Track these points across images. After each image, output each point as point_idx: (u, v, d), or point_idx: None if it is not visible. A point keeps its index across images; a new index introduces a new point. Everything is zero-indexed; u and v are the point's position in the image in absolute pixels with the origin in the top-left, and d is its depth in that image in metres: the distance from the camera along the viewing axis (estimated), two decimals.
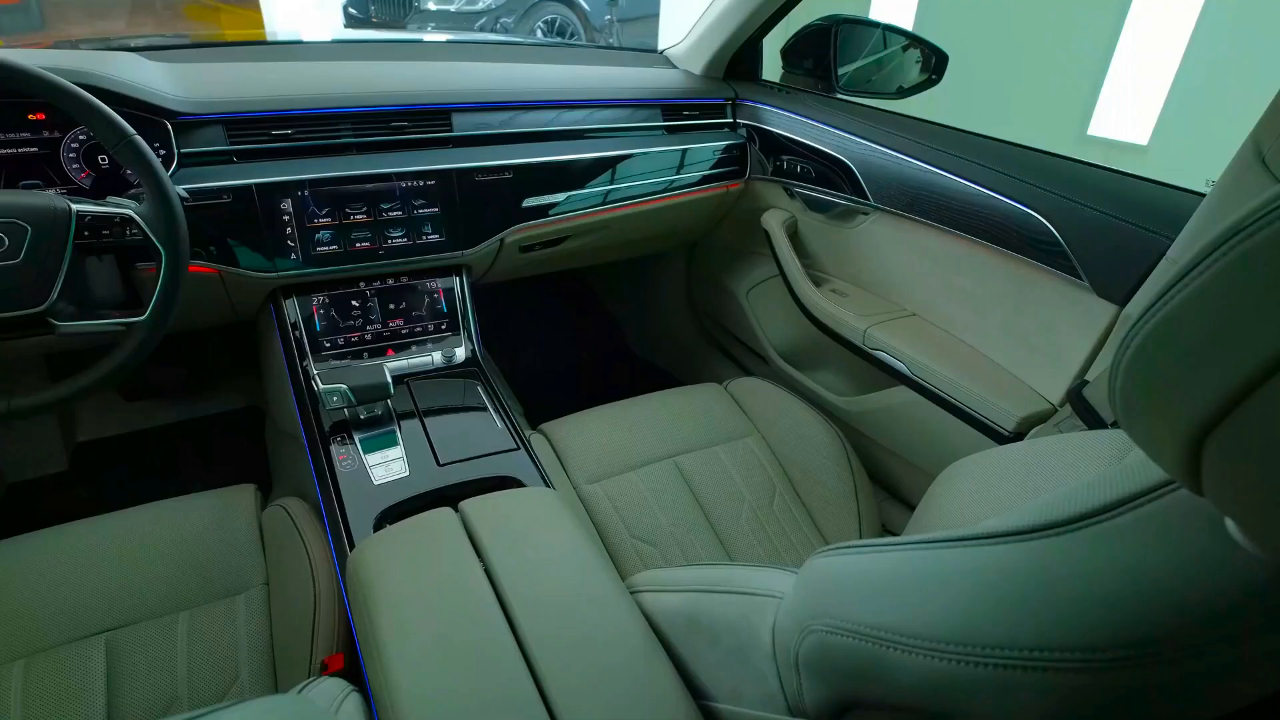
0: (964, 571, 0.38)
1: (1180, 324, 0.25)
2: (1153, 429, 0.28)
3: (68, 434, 1.41)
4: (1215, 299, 0.23)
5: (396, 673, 0.58)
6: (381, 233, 1.01)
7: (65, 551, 0.81)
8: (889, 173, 1.11)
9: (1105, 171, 0.93)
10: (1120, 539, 0.33)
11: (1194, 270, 0.24)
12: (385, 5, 4.04)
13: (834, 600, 0.45)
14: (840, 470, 1.09)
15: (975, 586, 0.37)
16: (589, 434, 1.08)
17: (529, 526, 0.74)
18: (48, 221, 0.73)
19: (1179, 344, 0.25)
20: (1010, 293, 1.01)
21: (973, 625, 0.35)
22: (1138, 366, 0.27)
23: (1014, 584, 0.35)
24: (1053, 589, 0.34)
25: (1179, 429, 0.25)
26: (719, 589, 0.59)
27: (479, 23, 4.15)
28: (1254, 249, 0.22)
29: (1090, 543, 0.33)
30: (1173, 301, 0.25)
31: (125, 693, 0.72)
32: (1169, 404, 0.26)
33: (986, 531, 0.39)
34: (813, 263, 1.33)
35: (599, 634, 0.62)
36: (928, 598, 0.39)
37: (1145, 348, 0.27)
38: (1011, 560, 0.37)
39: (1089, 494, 0.35)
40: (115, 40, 1.14)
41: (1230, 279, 0.23)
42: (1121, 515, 0.33)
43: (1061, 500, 0.36)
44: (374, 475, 0.85)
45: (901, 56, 1.33)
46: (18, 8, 4.05)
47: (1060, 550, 0.35)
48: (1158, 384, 0.26)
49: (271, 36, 1.93)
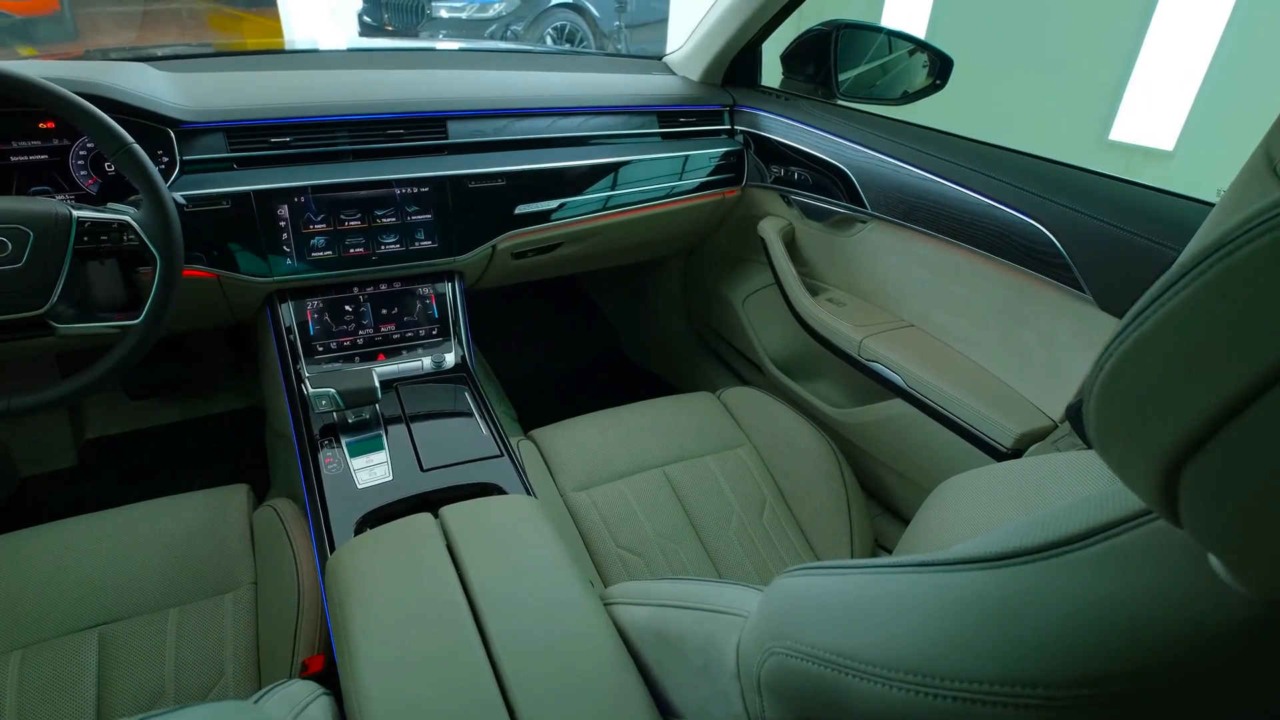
0: (927, 598, 0.37)
1: (1156, 345, 0.24)
2: (1128, 456, 0.26)
3: (77, 431, 1.43)
4: (1192, 320, 0.22)
5: (365, 677, 0.58)
6: (375, 238, 1.02)
7: (63, 547, 0.82)
8: (887, 180, 1.09)
9: (1110, 180, 0.90)
10: (1093, 569, 0.31)
11: (1171, 289, 0.23)
12: (398, 13, 4.09)
13: (795, 622, 0.44)
14: (833, 484, 1.07)
15: (937, 614, 0.36)
16: (578, 441, 1.08)
17: (506, 534, 0.74)
18: (49, 227, 0.75)
19: (1154, 367, 0.24)
20: (1010, 304, 0.98)
21: (932, 655, 0.34)
22: (1112, 389, 0.26)
23: (977, 613, 0.34)
24: (1018, 620, 0.32)
25: (1154, 457, 0.24)
26: (687, 604, 0.58)
27: (489, 29, 4.19)
28: (1233, 267, 0.21)
29: (1061, 572, 0.32)
30: (1148, 321, 0.24)
31: (114, 686, 0.74)
32: (1144, 430, 0.24)
33: (953, 557, 0.37)
34: (810, 271, 1.31)
35: (569, 645, 0.62)
36: (889, 623, 0.38)
37: (1120, 370, 0.25)
38: (976, 588, 0.35)
39: (1063, 520, 0.34)
40: (144, 49, 1.17)
41: (1208, 299, 0.22)
42: (1096, 544, 0.32)
43: (1033, 526, 0.35)
44: (358, 479, 0.85)
45: (904, 62, 1.31)
46: (53, 19, 4.17)
47: (1028, 579, 0.33)
48: (1132, 408, 0.25)
49: (290, 44, 1.97)
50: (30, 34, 4.06)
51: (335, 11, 4.53)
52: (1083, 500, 0.34)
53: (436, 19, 4.07)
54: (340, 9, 4.50)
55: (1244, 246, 0.21)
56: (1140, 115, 3.28)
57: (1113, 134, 3.39)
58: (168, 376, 1.48)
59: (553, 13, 4.37)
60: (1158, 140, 3.25)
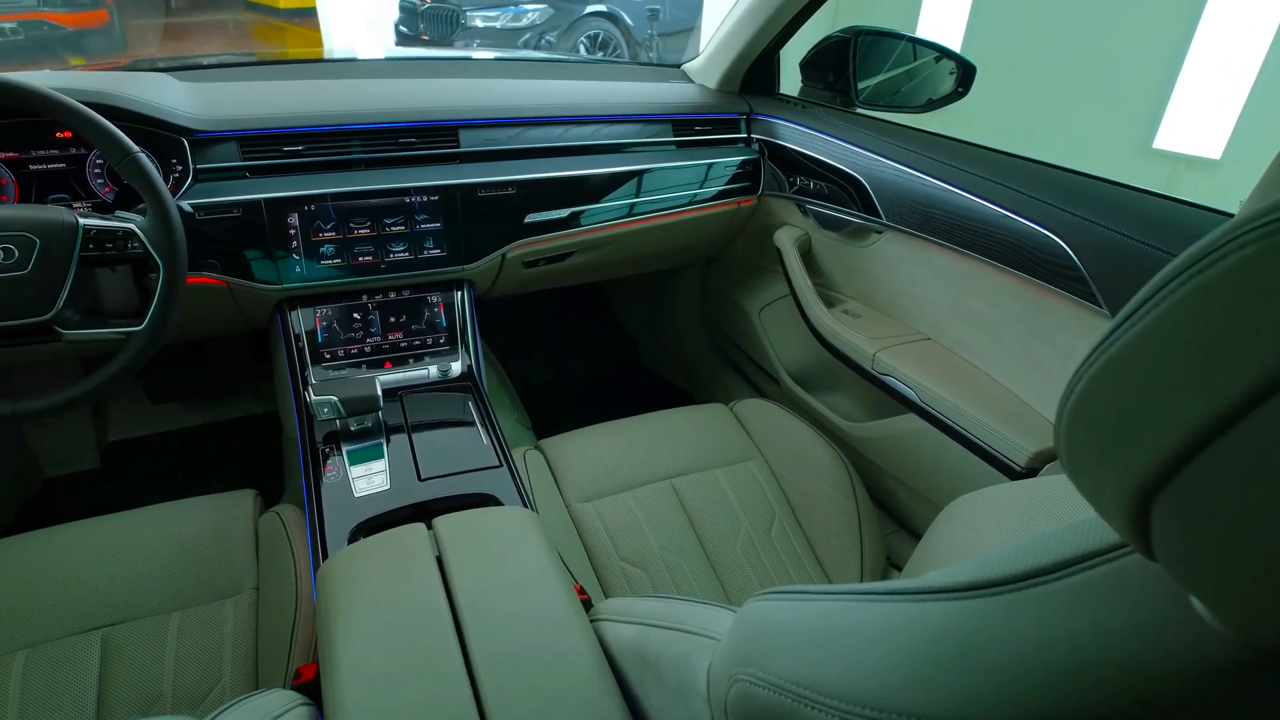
0: (893, 629, 0.36)
1: (1126, 368, 0.22)
2: (1099, 484, 0.25)
3: (100, 433, 1.48)
4: (1162, 342, 0.21)
5: (344, 687, 0.58)
6: (384, 247, 1.03)
7: (70, 549, 0.84)
8: (901, 190, 1.07)
9: (1128, 190, 0.87)
10: (1066, 603, 0.29)
11: (1141, 308, 0.22)
12: (434, 23, 4.17)
13: (760, 648, 0.43)
14: (844, 500, 1.04)
15: (903, 646, 0.34)
16: (586, 451, 1.07)
17: (498, 547, 0.73)
18: (55, 234, 0.77)
19: (1124, 390, 0.22)
20: (1027, 318, 0.95)
21: (889, 688, 0.32)
22: (1082, 412, 0.25)
23: (940, 646, 0.32)
24: (981, 655, 0.30)
25: (1124, 485, 0.23)
26: (666, 624, 0.57)
27: (523, 38, 4.24)
28: (1205, 286, 0.20)
29: (1031, 605, 0.30)
30: (1119, 342, 0.23)
31: (115, 688, 0.75)
32: (1114, 457, 0.23)
33: (921, 586, 0.36)
34: (826, 282, 1.29)
35: (551, 661, 0.61)
36: (852, 654, 0.36)
37: (1090, 392, 0.24)
38: (941, 620, 0.34)
39: (1037, 549, 0.32)
40: (190, 59, 1.20)
41: (1179, 319, 0.21)
42: (1070, 576, 0.30)
43: (1006, 555, 0.33)
44: (355, 487, 0.85)
45: (926, 69, 1.28)
46: (103, 31, 4.35)
47: (996, 612, 0.31)
48: (1103, 433, 0.24)
49: (329, 54, 2.02)
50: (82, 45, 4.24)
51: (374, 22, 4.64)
52: (1061, 529, 0.32)
53: (471, 28, 4.14)
54: (378, 20, 4.61)
55: (1215, 264, 0.20)
56: (1186, 123, 3.17)
57: (1156, 142, 3.28)
58: (188, 381, 1.51)
59: (586, 21, 4.40)
60: (1204, 149, 3.13)
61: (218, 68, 1.14)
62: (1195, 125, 3.13)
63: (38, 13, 3.99)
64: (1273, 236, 0.19)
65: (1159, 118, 3.24)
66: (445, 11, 4.09)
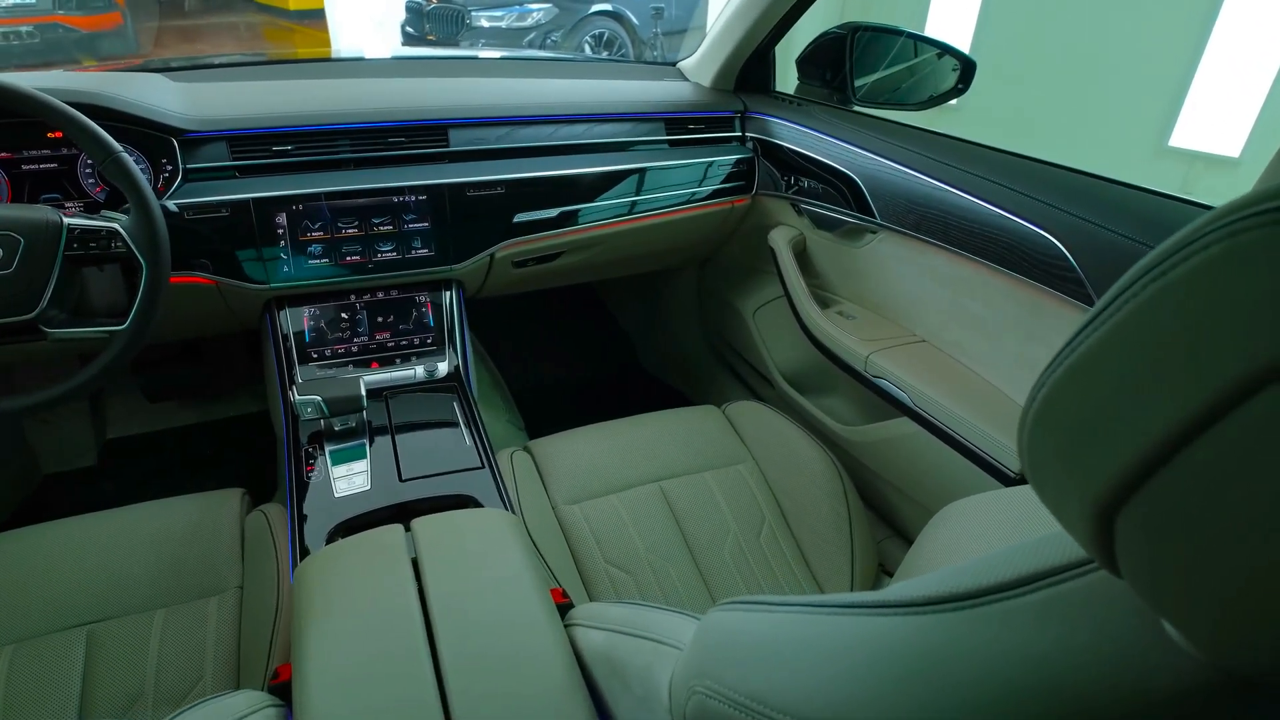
0: (852, 643, 0.34)
1: (1088, 374, 0.21)
2: (1062, 496, 0.24)
3: (99, 431, 1.49)
4: (1126, 347, 0.20)
5: (312, 690, 0.58)
6: (372, 246, 1.03)
7: (58, 545, 0.84)
8: (896, 189, 1.05)
9: (1130, 189, 0.84)
10: (1030, 619, 0.28)
11: (1105, 311, 0.21)
12: (439, 23, 4.18)
13: (718, 660, 0.42)
14: (836, 504, 1.02)
15: (858, 661, 0.33)
16: (574, 453, 1.06)
17: (475, 550, 0.73)
18: (39, 234, 0.77)
19: (1087, 398, 0.21)
20: (1024, 320, 0.93)
21: (844, 704, 0.31)
22: (1044, 421, 0.23)
23: (897, 663, 0.31)
24: (939, 673, 0.29)
25: (1087, 497, 0.21)
26: (633, 632, 0.56)
27: (528, 38, 4.25)
28: (1168, 288, 0.19)
29: (993, 621, 0.29)
30: (1080, 348, 0.22)
31: (97, 685, 0.75)
32: (1077, 467, 0.22)
33: (882, 599, 0.35)
34: (821, 283, 1.27)
35: (521, 667, 0.60)
36: (810, 669, 0.35)
37: (1052, 400, 0.23)
38: (899, 635, 0.32)
39: (1002, 563, 0.30)
40: (201, 59, 1.21)
41: (1142, 324, 0.20)
42: (1035, 592, 0.28)
43: (969, 569, 0.32)
44: (336, 488, 0.85)
45: (925, 66, 1.26)
46: (116, 34, 4.41)
47: (957, 628, 0.30)
48: (1065, 443, 0.23)
49: (336, 54, 2.03)
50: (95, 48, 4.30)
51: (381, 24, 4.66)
52: (1029, 542, 0.31)
53: (477, 28, 4.15)
54: (386, 21, 4.63)
55: (1178, 266, 0.18)
56: (1203, 120, 3.11)
57: (1172, 140, 3.22)
58: (185, 380, 1.52)
59: (591, 21, 4.40)
60: (1222, 147, 3.07)
61: (211, 68, 1.14)
62: (1213, 122, 3.07)
63: (53, 16, 4.06)
64: (1236, 237, 0.18)
65: (1175, 115, 3.18)
66: (450, 12, 4.10)
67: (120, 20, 4.34)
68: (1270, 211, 0.17)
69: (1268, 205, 0.17)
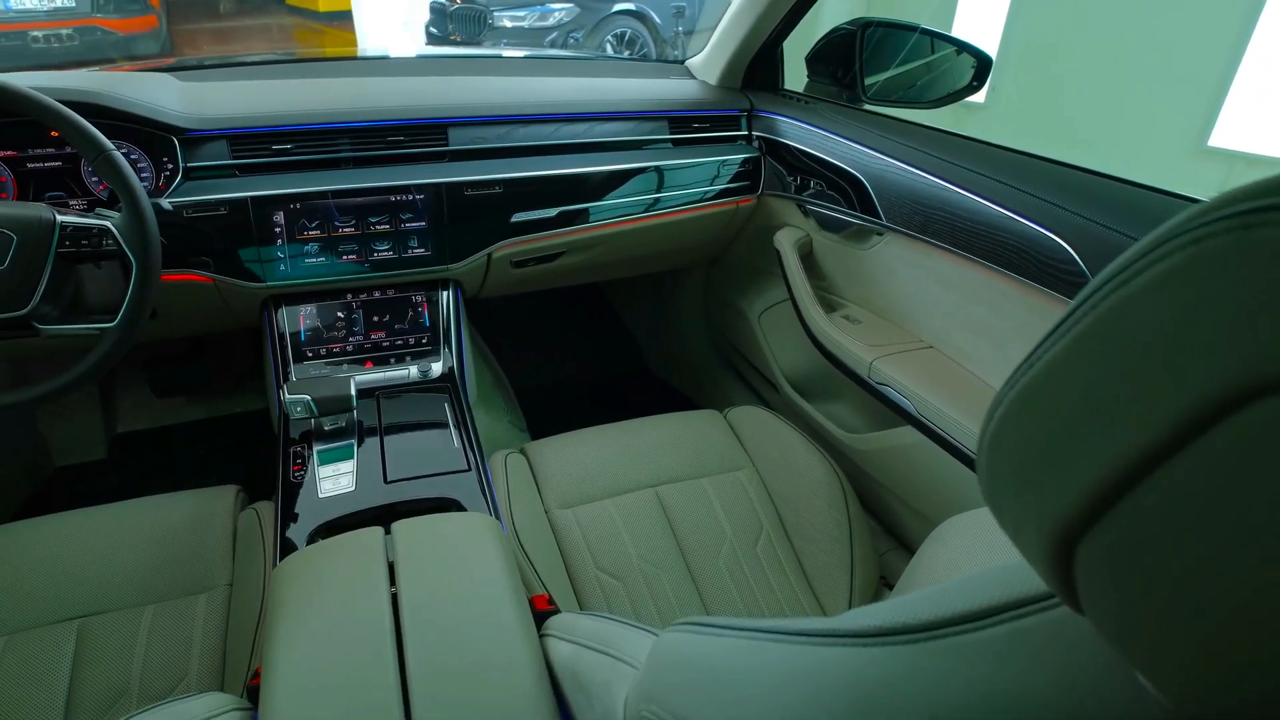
0: (796, 673, 0.33)
1: (1046, 392, 0.20)
2: (1020, 523, 0.22)
3: (109, 425, 1.51)
4: (1084, 363, 0.18)
5: (277, 694, 0.57)
6: (368, 246, 1.02)
7: (54, 539, 0.85)
8: (902, 189, 1.01)
9: (1145, 190, 0.80)
10: (989, 655, 0.26)
11: (1063, 325, 0.19)
12: (462, 24, 4.22)
13: (666, 684, 0.40)
14: (836, 514, 0.99)
15: (802, 693, 0.31)
16: (570, 456, 1.04)
17: (453, 554, 0.71)
18: (32, 231, 0.78)
19: (1045, 418, 0.20)
20: (1033, 326, 0.89)
21: None
22: (1001, 442, 0.22)
23: (844, 697, 0.29)
24: (886, 710, 0.27)
25: (1044, 528, 0.20)
26: (597, 647, 0.54)
27: (550, 37, 4.25)
28: (1130, 299, 0.17)
29: (950, 656, 0.27)
30: (1037, 365, 0.20)
31: (85, 679, 0.75)
32: (1034, 494, 0.20)
33: (833, 628, 0.33)
34: (828, 286, 1.23)
35: (488, 677, 0.59)
36: (753, 698, 0.34)
37: (1007, 420, 0.21)
38: (849, 667, 0.30)
39: (962, 592, 0.28)
40: (233, 58, 1.23)
41: (1103, 338, 0.18)
42: (995, 625, 0.26)
43: (927, 597, 0.30)
44: (321, 488, 0.84)
45: (940, 63, 1.22)
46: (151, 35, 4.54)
47: (911, 661, 0.28)
48: (1021, 468, 0.21)
49: (362, 54, 2.05)
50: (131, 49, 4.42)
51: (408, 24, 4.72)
52: (989, 572, 0.29)
53: (499, 28, 4.18)
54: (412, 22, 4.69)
55: (1140, 275, 0.17)
56: (1245, 120, 2.99)
57: (1212, 140, 3.10)
58: (192, 376, 1.54)
59: (613, 20, 4.39)
60: (1266, 147, 2.95)
61: (216, 67, 1.15)
62: (1256, 121, 2.95)
63: (91, 19, 4.20)
64: (1201, 243, 0.16)
65: (1216, 114, 3.07)
66: (473, 12, 4.13)
67: (155, 23, 4.46)
68: (1238, 215, 0.15)
69: (1234, 209, 0.16)
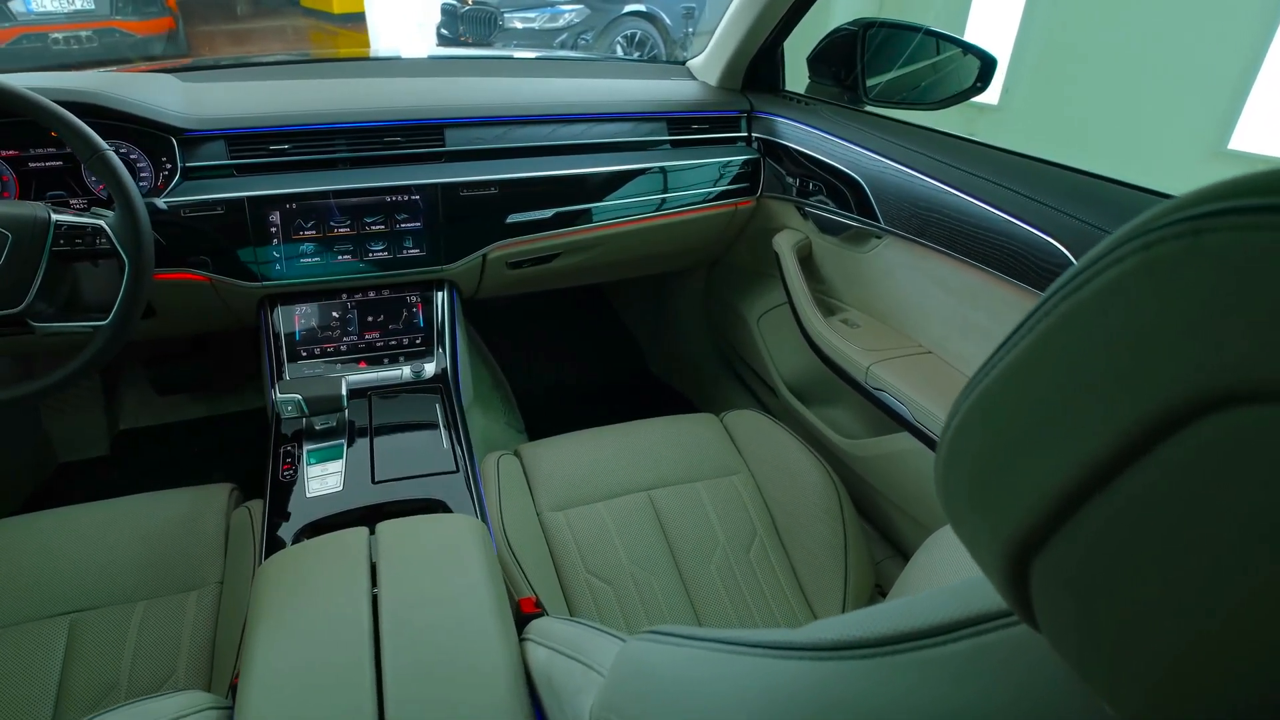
0: (753, 686, 0.32)
1: (996, 404, 0.19)
2: (976, 536, 0.21)
3: (112, 421, 1.53)
4: (1035, 373, 0.18)
5: (252, 695, 0.57)
6: (363, 246, 1.02)
7: (49, 534, 0.86)
8: (901, 192, 1.00)
9: (1146, 194, 0.78)
10: (949, 672, 0.25)
11: (1015, 334, 0.19)
12: (473, 25, 4.24)
13: (626, 694, 0.40)
14: (831, 521, 0.98)
15: (760, 707, 0.31)
16: (564, 458, 1.04)
17: (435, 556, 0.71)
18: (27, 230, 0.79)
19: (1000, 429, 0.19)
20: None
21: None
22: (958, 453, 0.21)
23: (799, 712, 0.29)
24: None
25: (998, 542, 0.19)
26: (569, 653, 0.54)
27: (560, 39, 4.26)
28: (1081, 306, 0.16)
29: (910, 672, 0.26)
30: (990, 374, 0.19)
31: (75, 675, 0.75)
32: (988, 506, 0.20)
33: (792, 640, 0.32)
34: (827, 289, 1.22)
35: (464, 680, 0.59)
36: (709, 710, 0.33)
37: (962, 432, 0.21)
38: (806, 681, 0.30)
39: (925, 606, 0.28)
40: (250, 58, 1.24)
41: (1054, 347, 0.17)
42: (956, 641, 0.26)
43: (889, 611, 0.29)
44: (309, 487, 0.84)
45: (946, 64, 1.20)
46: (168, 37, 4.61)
47: (866, 676, 0.28)
48: (976, 480, 0.20)
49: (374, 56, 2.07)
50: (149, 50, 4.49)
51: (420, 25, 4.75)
52: (953, 587, 0.28)
53: (509, 30, 4.19)
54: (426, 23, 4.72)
55: (1090, 281, 0.16)
56: (1266, 122, 2.93)
57: (1232, 143, 3.05)
58: (194, 374, 1.55)
59: (623, 21, 4.39)
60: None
61: (217, 68, 1.16)
62: (1277, 124, 2.90)
63: (110, 21, 4.28)
64: (1151, 249, 0.15)
65: (1235, 116, 3.01)
66: (484, 14, 4.15)
67: (173, 25, 4.54)
68: (1188, 220, 0.15)
69: (1185, 214, 0.15)
